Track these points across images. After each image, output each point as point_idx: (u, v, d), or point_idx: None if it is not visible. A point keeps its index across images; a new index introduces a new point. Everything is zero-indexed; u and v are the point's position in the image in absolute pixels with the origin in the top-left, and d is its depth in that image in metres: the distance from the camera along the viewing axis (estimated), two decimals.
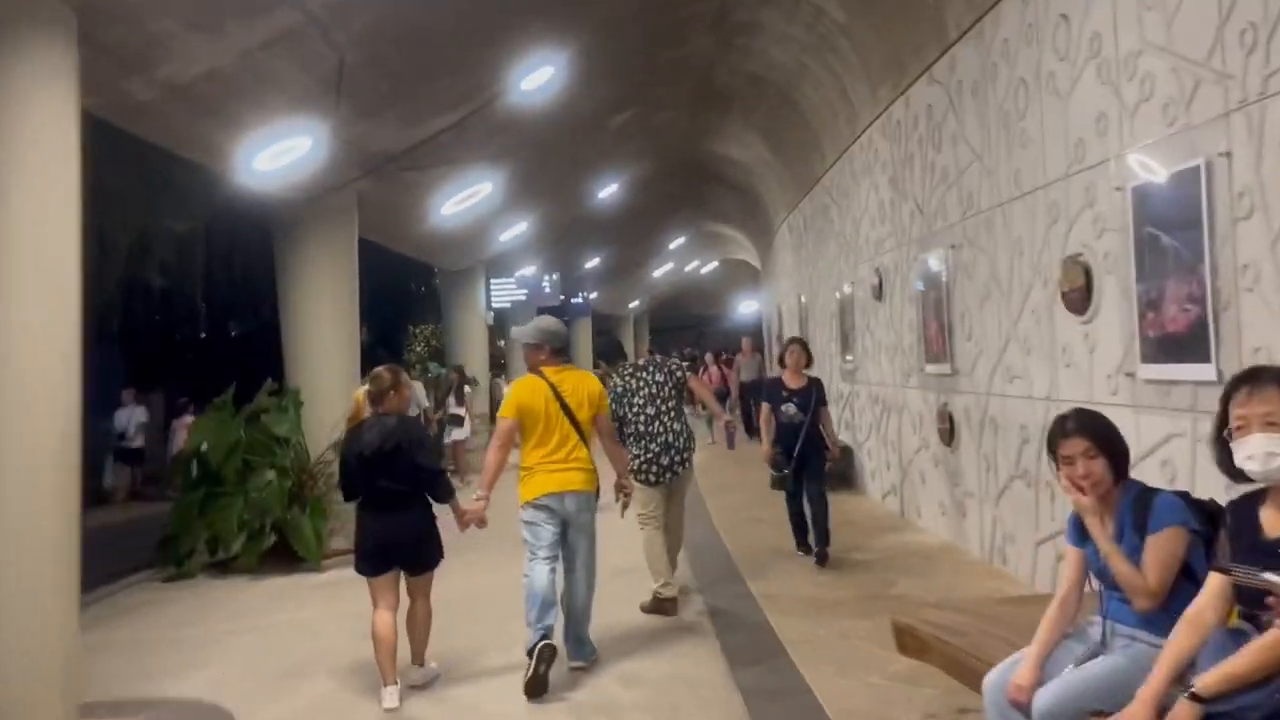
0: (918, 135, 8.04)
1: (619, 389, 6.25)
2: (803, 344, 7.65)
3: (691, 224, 26.59)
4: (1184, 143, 4.21)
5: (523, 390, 5.12)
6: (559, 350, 5.23)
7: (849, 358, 11.02)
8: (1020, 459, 6.15)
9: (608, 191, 17.41)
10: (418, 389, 17.15)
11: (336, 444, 6.66)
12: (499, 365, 28.75)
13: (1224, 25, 3.92)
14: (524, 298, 18.19)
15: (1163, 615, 2.67)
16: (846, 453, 10.99)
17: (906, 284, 8.54)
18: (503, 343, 21.97)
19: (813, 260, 13.53)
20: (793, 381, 7.34)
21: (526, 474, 5.07)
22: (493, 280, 18.06)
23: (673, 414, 6.22)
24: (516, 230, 16.06)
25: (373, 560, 4.86)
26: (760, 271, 26.97)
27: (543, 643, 4.76)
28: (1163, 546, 2.73)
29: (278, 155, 8.29)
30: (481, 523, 4.99)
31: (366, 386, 5.40)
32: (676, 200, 22.42)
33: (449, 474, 5.96)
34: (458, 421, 13.30)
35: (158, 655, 5.99)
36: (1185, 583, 2.70)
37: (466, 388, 13.81)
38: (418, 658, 5.03)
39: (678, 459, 6.15)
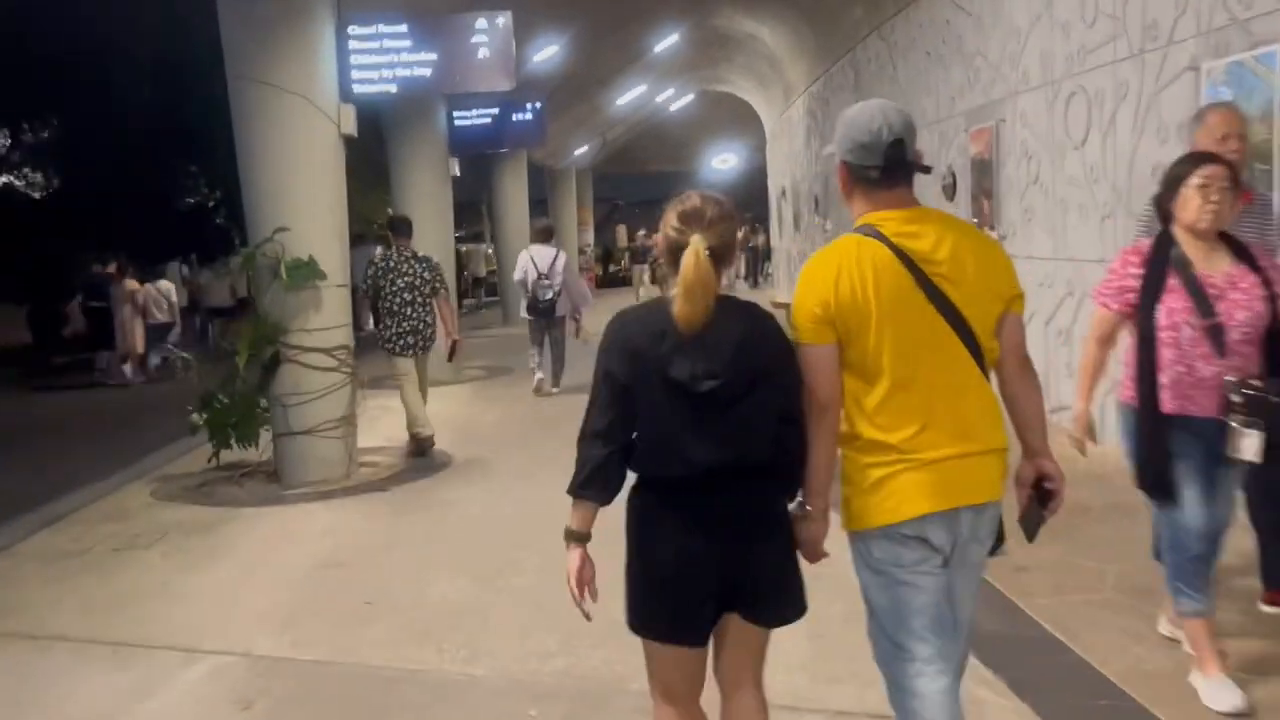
0: None
1: (387, 263, 7.47)
2: None
3: (697, 9, 16.55)
4: None
5: (833, 269, 2.19)
6: (901, 168, 2.23)
7: None
8: None
9: None
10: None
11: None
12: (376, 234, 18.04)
13: None
14: (428, 74, 8.01)
15: None
16: None
17: None
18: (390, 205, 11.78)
19: None
20: None
21: (851, 460, 2.26)
22: (354, 35, 7.78)
23: (425, 305, 7.55)
24: None
25: (684, 606, 2.23)
26: (787, 97, 17.24)
27: None
28: None
29: None
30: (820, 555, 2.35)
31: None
32: None
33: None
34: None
35: None
36: None
37: None
38: None
39: (418, 340, 7.52)
